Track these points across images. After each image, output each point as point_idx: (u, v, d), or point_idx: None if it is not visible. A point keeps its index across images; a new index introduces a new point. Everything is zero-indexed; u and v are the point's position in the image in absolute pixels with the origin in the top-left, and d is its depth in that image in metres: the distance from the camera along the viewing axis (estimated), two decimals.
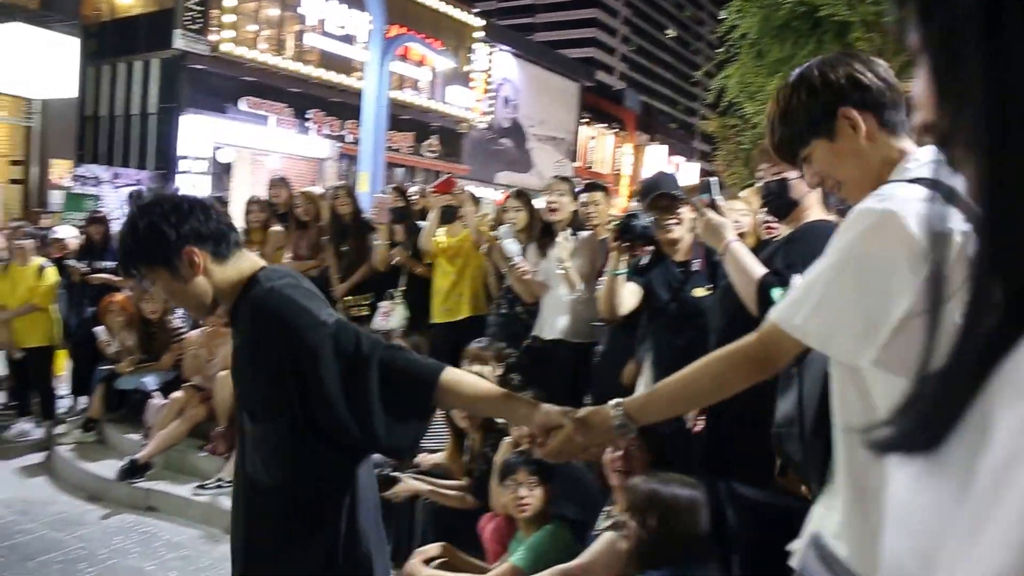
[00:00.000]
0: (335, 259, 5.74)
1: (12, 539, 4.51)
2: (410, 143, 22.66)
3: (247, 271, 1.85)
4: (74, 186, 13.73)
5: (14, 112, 15.42)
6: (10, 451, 6.05)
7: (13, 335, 6.26)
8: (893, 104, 1.49)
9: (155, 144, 17.00)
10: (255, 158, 18.07)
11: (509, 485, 3.16)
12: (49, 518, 4.85)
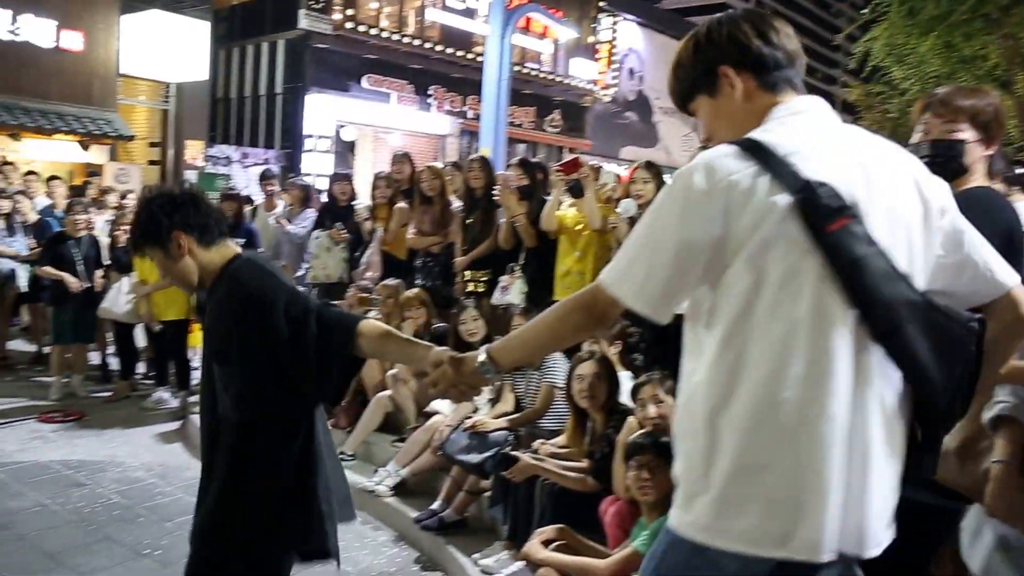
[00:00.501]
0: (461, 231, 5.70)
1: (152, 500, 4.74)
2: (532, 118, 22.50)
3: (228, 255, 2.29)
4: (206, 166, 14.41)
5: (153, 96, 16.30)
6: (149, 418, 6.38)
7: (153, 308, 6.58)
8: (776, 65, 1.51)
9: (281, 123, 17.57)
10: (377, 136, 18.41)
11: (633, 467, 3.03)
12: (184, 482, 5.06)
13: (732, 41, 1.54)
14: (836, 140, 1.44)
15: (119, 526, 4.35)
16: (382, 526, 4.56)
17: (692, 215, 1.37)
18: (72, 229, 6.78)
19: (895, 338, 1.34)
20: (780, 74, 1.53)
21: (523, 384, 4.49)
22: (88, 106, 14.00)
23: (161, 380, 6.83)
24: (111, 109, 14.43)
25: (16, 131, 12.76)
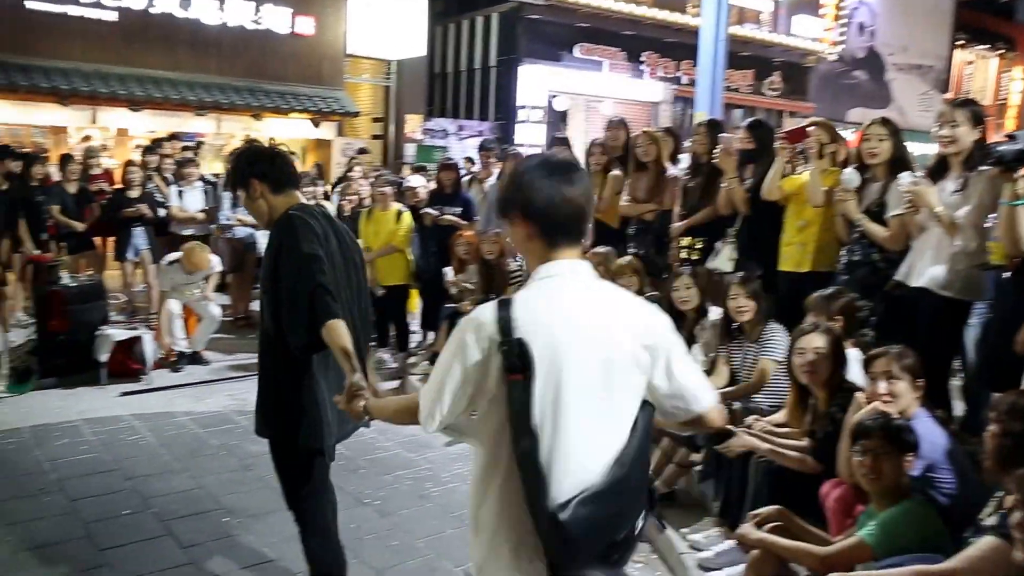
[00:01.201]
0: (681, 197, 5.53)
1: (373, 454, 5.05)
2: (750, 81, 21.43)
3: (291, 203, 2.93)
4: (424, 139, 15.09)
5: (376, 74, 17.27)
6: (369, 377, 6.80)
7: (376, 274, 6.99)
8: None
9: (495, 96, 17.98)
10: (589, 105, 18.35)
11: (858, 452, 2.79)
12: (402, 439, 5.35)
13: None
14: (567, 303, 1.81)
15: (343, 476, 4.64)
16: None
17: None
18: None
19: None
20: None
21: (738, 357, 4.28)
22: (319, 86, 15.08)
23: (382, 342, 7.25)
24: (339, 87, 15.46)
25: (258, 112, 14.01)
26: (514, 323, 1.75)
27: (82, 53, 12.63)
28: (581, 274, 1.88)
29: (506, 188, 1.97)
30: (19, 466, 4.59)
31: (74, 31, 12.56)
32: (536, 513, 1.75)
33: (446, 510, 4.26)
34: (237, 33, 14.05)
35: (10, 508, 4.05)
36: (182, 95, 13.12)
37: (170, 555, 3.66)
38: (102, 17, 12.75)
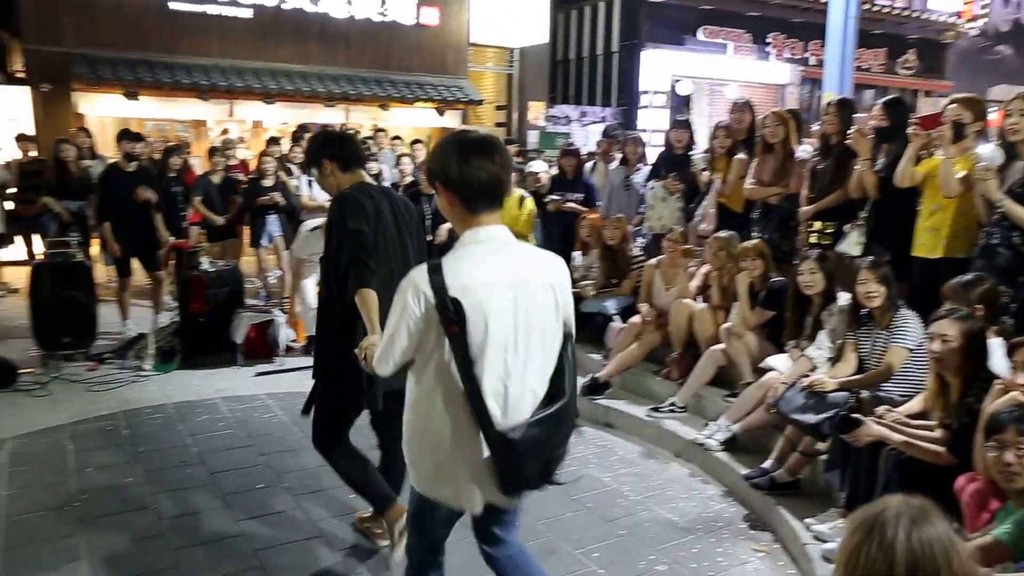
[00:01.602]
0: (809, 180, 5.26)
1: None
2: (882, 60, 20.30)
3: (354, 181, 3.38)
4: (547, 125, 15.08)
5: (499, 62, 17.39)
6: None
7: None
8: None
9: (617, 81, 17.76)
10: (713, 89, 17.88)
11: (992, 447, 2.58)
12: None
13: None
14: (488, 265, 2.15)
15: None
16: (710, 480, 4.49)
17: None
18: (425, 187, 7.44)
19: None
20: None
21: (868, 343, 4.04)
22: (443, 75, 15.33)
23: None
24: (463, 76, 15.66)
25: (384, 102, 14.39)
26: (446, 285, 2.07)
27: (220, 50, 13.34)
28: (499, 239, 2.23)
29: (429, 162, 2.34)
30: (165, 439, 4.89)
31: (213, 29, 13.28)
32: (488, 436, 2.11)
33: (566, 493, 4.23)
34: (364, 26, 14.47)
35: (157, 477, 4.33)
36: (312, 87, 13.63)
37: (301, 528, 3.80)
38: (238, 15, 13.42)
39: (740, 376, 4.83)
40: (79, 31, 12.31)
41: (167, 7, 12.89)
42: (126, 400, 5.58)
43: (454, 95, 15.01)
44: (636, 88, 16.93)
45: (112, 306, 7.20)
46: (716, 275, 5.32)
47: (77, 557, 3.48)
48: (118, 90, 12.27)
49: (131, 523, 3.80)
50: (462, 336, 2.08)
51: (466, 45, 15.76)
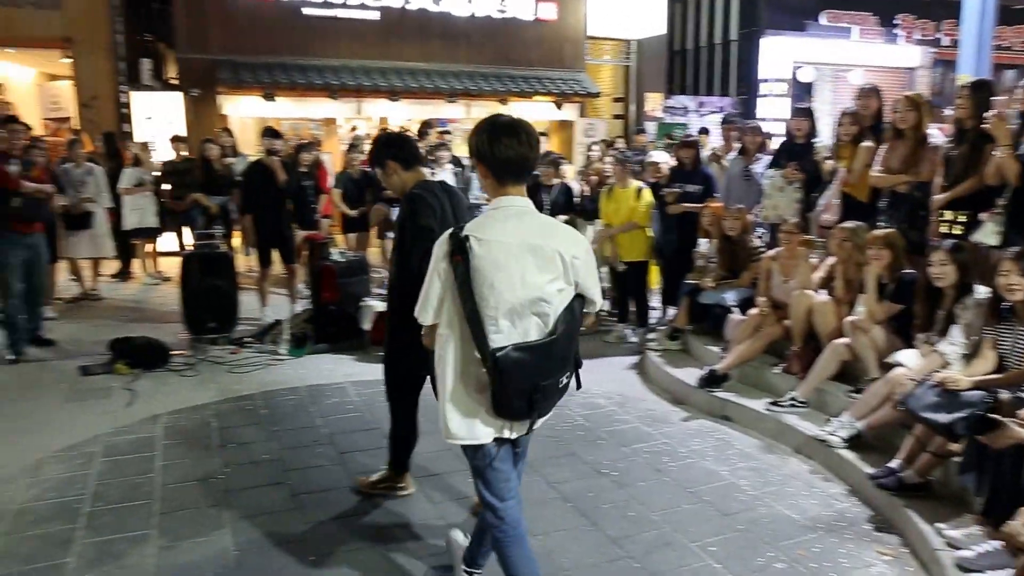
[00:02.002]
0: (942, 167, 5.02)
1: (611, 426, 5.14)
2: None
3: (419, 179, 3.76)
4: (664, 117, 14.91)
5: (616, 55, 17.31)
6: (611, 351, 6.91)
7: (618, 250, 7.05)
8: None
9: (736, 70, 17.34)
10: (836, 75, 17.18)
11: None
12: (640, 413, 5.39)
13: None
14: (509, 224, 2.55)
15: (582, 445, 4.80)
16: (832, 478, 4.38)
17: None
18: (545, 178, 7.55)
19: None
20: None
21: (1008, 341, 3.84)
22: (561, 68, 15.41)
23: (622, 317, 7.33)
24: (580, 70, 15.69)
25: (504, 96, 14.59)
26: (463, 234, 2.50)
27: (349, 51, 13.91)
28: (519, 206, 2.62)
29: (469, 140, 2.69)
30: (297, 420, 5.20)
31: (342, 31, 13.85)
32: (483, 354, 2.47)
33: (682, 485, 4.25)
34: (484, 23, 14.74)
35: (290, 456, 4.62)
36: (435, 84, 13.99)
37: (421, 510, 3.98)
38: (366, 17, 13.94)
39: (865, 371, 4.69)
40: (223, 40, 13.14)
41: (301, 13, 13.54)
42: (264, 382, 5.96)
43: (572, 88, 15.06)
44: (755, 76, 16.47)
45: (252, 294, 7.70)
46: (841, 266, 5.16)
47: (221, 525, 3.77)
48: (257, 92, 13.02)
49: (268, 496, 4.08)
50: (464, 265, 2.47)
51: (584, 38, 15.78)
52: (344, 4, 13.79)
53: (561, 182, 7.57)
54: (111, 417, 5.22)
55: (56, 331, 7.19)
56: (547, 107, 15.22)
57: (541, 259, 2.52)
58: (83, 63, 12.53)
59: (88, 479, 4.28)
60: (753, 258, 6.14)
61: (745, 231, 6.25)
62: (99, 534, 3.69)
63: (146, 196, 9.40)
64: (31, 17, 12.10)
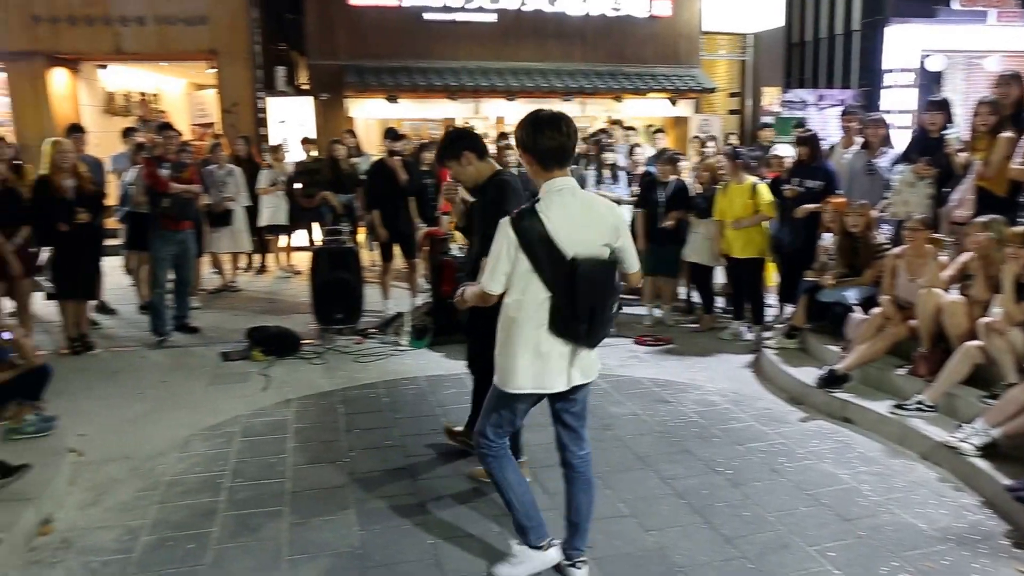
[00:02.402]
0: None
1: (726, 424, 5.10)
2: None
3: (493, 169, 3.98)
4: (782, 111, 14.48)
5: (732, 49, 16.97)
6: (726, 349, 6.83)
7: (726, 245, 6.95)
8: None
9: (858, 62, 16.64)
10: (970, 62, 16.19)
11: None
12: (756, 412, 5.32)
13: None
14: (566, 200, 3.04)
15: (697, 442, 4.79)
16: (964, 487, 4.18)
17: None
18: (661, 175, 7.52)
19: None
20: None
21: None
22: (676, 65, 15.25)
23: (737, 315, 7.23)
24: (695, 65, 15.47)
25: (618, 94, 14.57)
26: (529, 223, 2.98)
27: (467, 53, 14.24)
28: (569, 186, 3.07)
29: (515, 133, 3.11)
30: (418, 408, 5.42)
31: (461, 34, 14.20)
32: (558, 268, 2.97)
33: (799, 487, 4.18)
34: (599, 21, 14.77)
35: (411, 442, 4.82)
36: (551, 83, 14.13)
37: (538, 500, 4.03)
38: (483, 19, 14.23)
39: (1002, 376, 4.47)
40: (350, 46, 13.76)
41: (422, 18, 13.98)
42: (386, 371, 6.23)
43: (687, 84, 14.88)
44: (879, 67, 15.73)
45: (375, 287, 8.04)
46: (979, 264, 4.93)
47: (347, 506, 3.99)
48: (381, 95, 13.54)
49: (390, 481, 4.29)
50: (534, 229, 2.96)
51: (698, 34, 15.55)
52: (463, 8, 14.12)
53: (677, 179, 7.52)
54: (248, 400, 5.60)
55: (200, 319, 7.74)
56: (662, 103, 15.10)
57: (592, 221, 3.05)
58: (226, 72, 13.41)
59: (229, 456, 4.62)
60: (876, 255, 5.93)
61: (869, 227, 6.05)
62: (238, 508, 3.98)
63: (279, 195, 9.96)
64: (182, 33, 13.05)
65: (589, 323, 3.02)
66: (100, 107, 14.24)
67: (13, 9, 12.51)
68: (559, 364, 3.09)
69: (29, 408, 4.65)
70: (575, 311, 2.98)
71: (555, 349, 3.07)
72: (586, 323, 3.01)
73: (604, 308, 3.05)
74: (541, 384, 3.09)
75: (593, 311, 3.00)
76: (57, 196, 6.42)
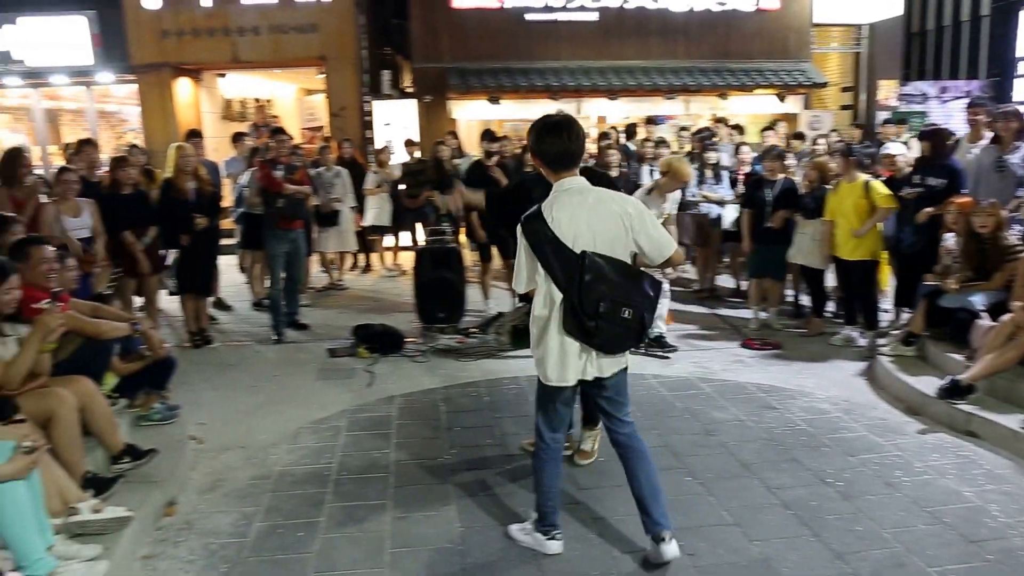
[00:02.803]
0: None
1: (837, 433, 4.90)
2: None
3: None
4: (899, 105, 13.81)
5: (845, 41, 16.31)
6: (837, 354, 6.56)
7: (840, 247, 6.68)
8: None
9: (987, 50, 15.71)
10: None
11: None
12: (869, 421, 5.09)
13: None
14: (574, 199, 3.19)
15: (805, 451, 4.62)
16: None
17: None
18: (769, 173, 7.30)
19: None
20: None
21: None
22: (784, 59, 14.79)
23: (849, 320, 6.94)
24: (805, 59, 14.96)
25: (723, 91, 14.24)
26: (536, 225, 3.16)
27: (569, 52, 14.25)
28: (577, 186, 3.23)
29: (527, 139, 3.40)
30: (518, 408, 5.43)
31: (562, 34, 14.22)
32: (567, 258, 3.14)
33: (917, 503, 3.96)
34: (703, 17, 14.51)
35: (511, 441, 4.82)
36: (653, 81, 13.98)
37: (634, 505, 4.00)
38: (585, 18, 14.18)
39: None
40: (453, 49, 14.04)
41: (524, 19, 14.08)
42: (487, 370, 6.30)
43: (796, 79, 14.41)
44: (1012, 55, 14.76)
45: (476, 287, 8.13)
46: None
47: (448, 502, 4.05)
48: (483, 96, 13.73)
49: (491, 479, 4.32)
50: (544, 232, 3.13)
51: (809, 26, 15.03)
52: (564, 7, 14.11)
53: (785, 177, 7.29)
54: (354, 395, 5.77)
55: (309, 316, 8.03)
56: (768, 100, 14.68)
57: (602, 217, 3.16)
58: (334, 77, 13.87)
59: (335, 449, 4.77)
60: (1008, 258, 5.57)
61: (999, 228, 5.69)
62: (344, 500, 4.10)
63: (384, 196, 10.22)
64: (294, 41, 13.60)
65: (597, 321, 3.10)
66: (219, 113, 15.00)
67: (145, 25, 13.36)
68: (575, 362, 3.26)
69: (156, 397, 4.94)
70: (582, 306, 3.09)
71: (573, 347, 3.23)
72: (593, 320, 3.09)
73: (615, 307, 3.12)
74: (563, 378, 3.29)
75: (599, 307, 3.09)
76: (180, 198, 6.80)
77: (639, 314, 3.18)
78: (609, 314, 3.10)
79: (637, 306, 3.17)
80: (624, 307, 3.13)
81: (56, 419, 3.60)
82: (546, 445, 3.46)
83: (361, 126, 13.85)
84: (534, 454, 3.54)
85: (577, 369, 3.27)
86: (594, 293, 3.08)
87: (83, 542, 3.29)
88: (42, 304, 3.89)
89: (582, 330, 3.14)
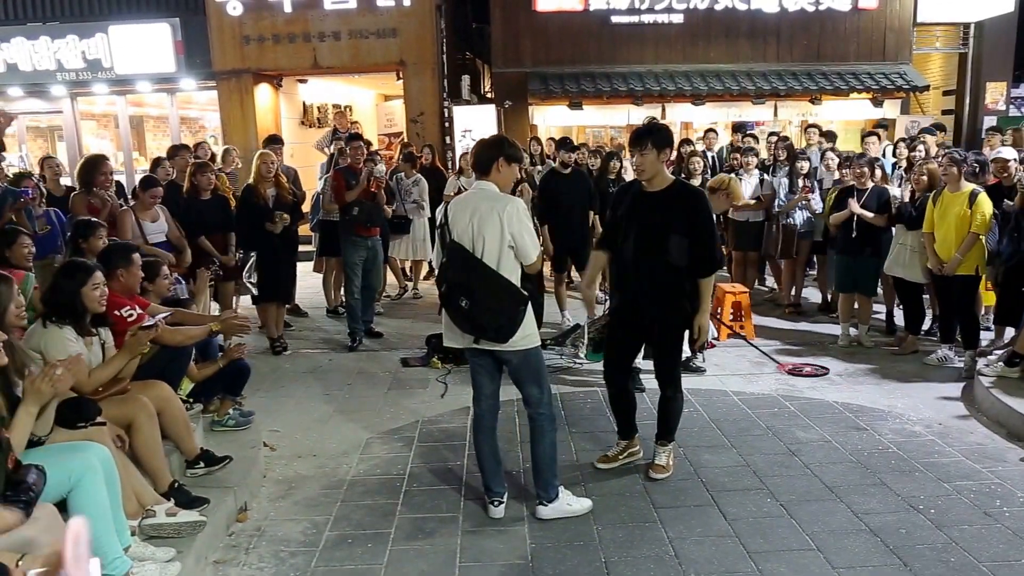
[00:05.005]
0: None
1: (929, 458, 4.63)
2: None
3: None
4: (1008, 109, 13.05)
5: (949, 42, 15.46)
6: (931, 375, 6.21)
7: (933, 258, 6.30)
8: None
9: None
10: None
11: None
12: (966, 446, 4.79)
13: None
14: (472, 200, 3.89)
15: (894, 476, 4.37)
16: None
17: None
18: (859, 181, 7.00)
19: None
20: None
21: None
22: (881, 61, 14.16)
23: (946, 338, 6.56)
24: (905, 61, 14.28)
25: (815, 95, 13.73)
26: (445, 211, 3.96)
27: (654, 56, 14.01)
28: (478, 184, 3.91)
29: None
30: (595, 423, 5.32)
31: (647, 37, 13.98)
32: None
33: (1020, 535, 3.69)
34: (796, 17, 14.03)
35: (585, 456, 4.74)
36: (741, 85, 13.59)
37: (714, 524, 3.88)
38: (671, 20, 13.90)
39: None
40: (534, 53, 13.98)
41: (607, 22, 13.90)
42: (563, 383, 6.21)
43: (894, 83, 13.77)
44: None
45: (552, 298, 8.03)
46: None
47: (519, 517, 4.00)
48: (564, 101, 13.62)
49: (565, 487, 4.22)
50: (444, 236, 3.91)
51: (911, 26, 14.33)
52: (651, 9, 13.87)
53: (875, 185, 6.95)
54: (427, 406, 5.76)
55: (382, 325, 8.09)
56: (863, 105, 14.10)
57: (484, 215, 3.75)
58: (412, 83, 13.96)
59: (407, 460, 4.77)
60: None
61: None
62: (414, 511, 4.09)
63: None
64: (374, 46, 13.75)
65: (464, 299, 3.69)
66: (297, 119, 15.33)
67: (227, 32, 13.71)
68: (456, 330, 3.93)
69: (231, 402, 5.04)
70: (444, 281, 3.83)
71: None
72: (464, 299, 3.69)
73: (451, 293, 3.75)
74: (450, 340, 4.03)
75: (457, 288, 3.72)
76: (260, 203, 6.93)
77: (481, 310, 3.69)
78: (446, 297, 3.81)
79: (479, 302, 3.68)
80: (462, 297, 3.69)
81: (136, 425, 3.70)
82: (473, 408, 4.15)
83: (440, 132, 13.91)
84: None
85: (458, 337, 3.91)
86: (448, 273, 3.81)
87: (157, 544, 3.37)
88: (129, 318, 4.01)
89: (450, 308, 3.81)
